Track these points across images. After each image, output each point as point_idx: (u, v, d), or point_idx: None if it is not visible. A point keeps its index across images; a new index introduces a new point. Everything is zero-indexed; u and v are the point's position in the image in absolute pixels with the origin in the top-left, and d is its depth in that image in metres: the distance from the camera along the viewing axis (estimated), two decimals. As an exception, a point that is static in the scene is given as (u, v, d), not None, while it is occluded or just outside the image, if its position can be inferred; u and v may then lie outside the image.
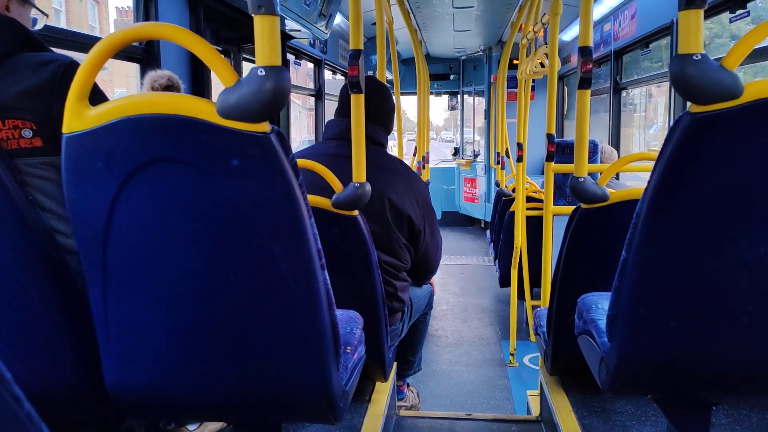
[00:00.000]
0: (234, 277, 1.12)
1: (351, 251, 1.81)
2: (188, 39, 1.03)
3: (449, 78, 9.63)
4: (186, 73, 2.86)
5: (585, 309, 1.62)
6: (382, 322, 1.92)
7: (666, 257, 1.21)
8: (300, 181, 1.07)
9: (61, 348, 1.29)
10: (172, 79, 2.21)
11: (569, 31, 6.44)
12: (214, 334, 1.17)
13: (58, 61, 1.26)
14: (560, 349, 2.08)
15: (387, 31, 3.66)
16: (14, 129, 1.22)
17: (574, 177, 1.84)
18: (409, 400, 3.02)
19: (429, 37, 7.31)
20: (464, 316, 5.26)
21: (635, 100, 6.28)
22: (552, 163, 2.79)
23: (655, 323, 1.26)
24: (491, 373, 4.03)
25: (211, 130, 1.01)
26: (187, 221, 1.09)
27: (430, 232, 2.33)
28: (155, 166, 1.05)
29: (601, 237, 1.84)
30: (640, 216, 1.20)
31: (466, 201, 9.50)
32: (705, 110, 1.06)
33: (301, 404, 1.29)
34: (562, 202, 4.79)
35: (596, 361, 1.46)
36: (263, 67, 0.98)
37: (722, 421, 1.97)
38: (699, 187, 1.13)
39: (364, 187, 1.75)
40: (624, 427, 1.96)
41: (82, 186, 1.09)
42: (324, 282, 1.16)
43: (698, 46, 1.06)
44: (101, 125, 1.04)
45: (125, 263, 1.12)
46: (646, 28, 4.09)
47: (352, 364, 1.45)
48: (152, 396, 1.26)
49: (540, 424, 2.39)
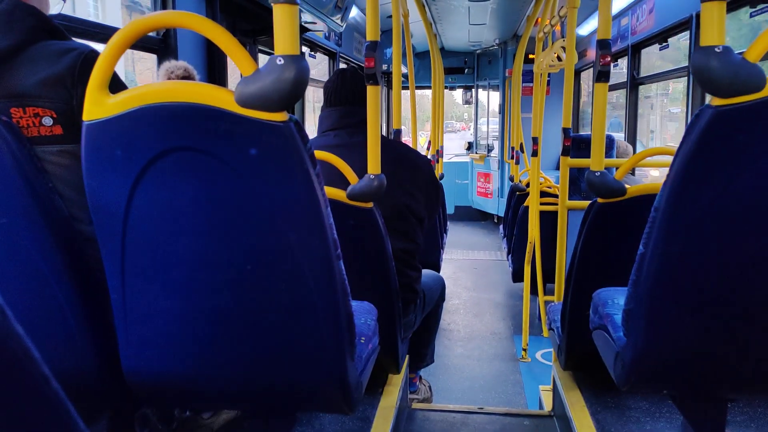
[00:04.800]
0: (250, 267, 1.12)
1: (366, 243, 1.81)
2: (207, 27, 1.03)
3: (464, 72, 9.58)
4: (202, 65, 2.87)
5: (600, 304, 1.61)
6: (396, 313, 1.92)
7: (684, 252, 1.20)
8: (317, 170, 1.07)
9: (78, 335, 1.30)
10: (188, 70, 2.21)
11: (585, 26, 6.38)
12: (231, 323, 1.18)
13: (78, 50, 1.27)
14: (574, 344, 2.07)
15: (402, 24, 3.65)
16: (35, 117, 1.23)
17: (590, 171, 1.83)
18: (421, 392, 3.02)
19: (444, 31, 7.28)
20: (477, 311, 5.25)
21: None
22: (568, 158, 2.77)
23: (672, 318, 1.25)
24: (503, 368, 4.02)
25: (230, 119, 1.01)
26: (204, 209, 1.09)
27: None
28: (174, 155, 1.05)
29: (617, 232, 1.83)
30: (658, 210, 1.19)
31: (480, 196, 9.47)
32: (727, 103, 1.05)
33: (315, 394, 1.29)
34: (577, 197, 4.75)
35: (611, 356, 1.45)
36: (282, 56, 0.98)
37: (737, 419, 1.95)
38: (719, 181, 1.12)
39: (379, 179, 1.74)
40: (638, 423, 1.95)
41: (101, 174, 1.10)
42: (339, 272, 1.16)
43: (721, 38, 1.04)
44: (121, 113, 1.05)
45: (143, 251, 1.13)
46: (664, 23, 4.05)
47: (366, 354, 1.45)
48: (169, 383, 1.27)
49: (553, 419, 2.38)
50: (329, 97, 2.19)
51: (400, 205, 2.12)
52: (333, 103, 2.16)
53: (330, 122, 2.14)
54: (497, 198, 8.94)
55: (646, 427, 1.93)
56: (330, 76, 2.33)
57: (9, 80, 1.23)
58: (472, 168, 9.68)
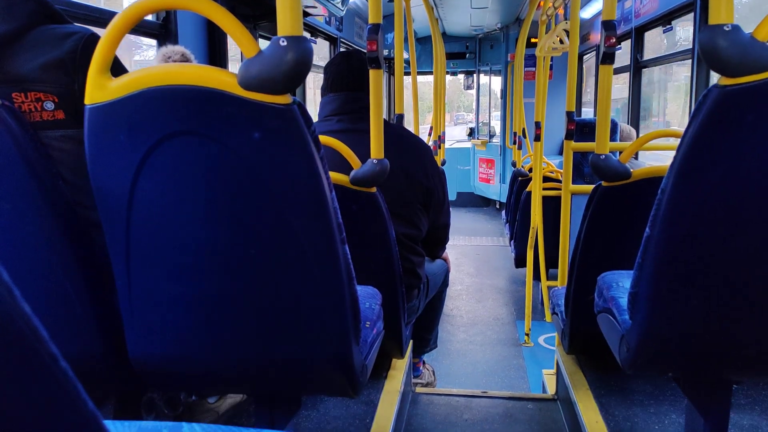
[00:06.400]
0: (255, 250, 1.12)
1: (369, 228, 1.80)
2: (208, 8, 1.02)
3: (465, 57, 9.53)
4: (203, 49, 2.85)
5: (605, 287, 1.60)
6: (400, 298, 1.92)
7: (691, 234, 1.19)
8: (321, 154, 1.06)
9: (84, 320, 1.30)
10: (185, 55, 2.19)
11: (588, 9, 6.33)
12: (237, 307, 1.18)
13: (78, 34, 1.26)
14: (578, 328, 2.07)
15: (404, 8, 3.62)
16: (36, 101, 1.22)
17: (595, 154, 1.82)
18: (424, 377, 3.03)
19: (446, 15, 7.23)
20: (479, 296, 5.26)
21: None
22: (572, 142, 2.76)
23: (678, 301, 1.25)
24: (506, 353, 4.04)
25: (233, 102, 1.00)
26: (208, 193, 1.09)
27: (443, 193, 2.31)
28: (177, 138, 1.04)
29: (621, 215, 1.82)
30: (665, 192, 1.18)
31: (482, 182, 9.46)
32: (735, 83, 1.04)
33: (321, 377, 1.30)
34: (580, 182, 4.74)
35: (616, 339, 1.45)
36: (285, 38, 0.97)
37: (741, 401, 1.95)
38: (727, 162, 1.11)
39: (382, 164, 1.73)
40: (642, 406, 1.95)
41: (104, 158, 1.09)
42: (344, 255, 1.15)
43: (729, 17, 1.03)
44: (123, 96, 1.04)
45: (148, 235, 1.13)
46: (669, 5, 4.01)
47: (371, 338, 1.45)
48: (174, 367, 1.27)
49: (556, 403, 2.39)
50: (332, 82, 2.16)
51: (403, 190, 2.12)
52: (337, 88, 2.14)
53: (333, 107, 2.12)
54: (499, 184, 8.93)
55: (650, 410, 1.93)
56: (332, 58, 2.30)
57: (10, 65, 1.22)
58: (474, 154, 9.66)
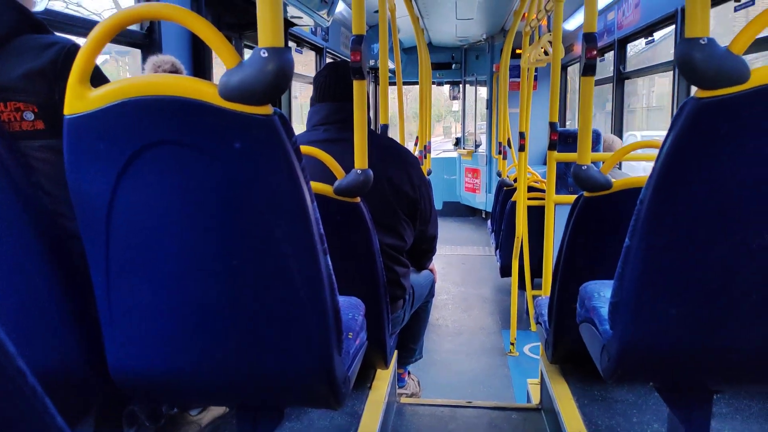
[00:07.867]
0: (236, 261, 1.12)
1: (353, 238, 1.80)
2: (189, 19, 1.02)
3: (451, 67, 9.59)
4: (187, 59, 2.85)
5: (587, 297, 1.61)
6: (384, 309, 1.92)
7: (670, 244, 1.20)
8: (302, 164, 1.07)
9: (64, 332, 1.29)
10: (175, 65, 2.19)
11: (571, 20, 6.41)
12: (217, 318, 1.17)
13: (60, 44, 1.26)
14: (561, 337, 2.08)
15: (389, 18, 3.64)
16: (16, 111, 1.21)
17: (577, 165, 1.83)
18: (409, 387, 3.02)
19: (431, 25, 7.27)
20: (465, 306, 5.26)
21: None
22: (555, 152, 2.78)
23: (657, 310, 1.26)
24: (491, 362, 4.03)
25: (213, 113, 1.00)
26: (189, 204, 1.08)
27: (429, 204, 2.31)
28: (157, 149, 1.04)
29: (603, 225, 1.84)
30: (644, 202, 1.20)
31: (468, 191, 9.49)
32: (711, 95, 1.05)
33: (303, 388, 1.29)
34: (564, 191, 4.77)
35: (598, 348, 1.46)
36: (266, 49, 0.97)
37: (723, 410, 1.97)
38: (704, 173, 1.12)
39: (366, 174, 1.74)
40: (624, 416, 1.96)
41: (84, 168, 1.08)
42: (326, 266, 1.15)
43: (705, 30, 1.05)
44: (103, 107, 1.03)
45: (128, 246, 1.12)
46: (651, 17, 4.07)
47: (354, 349, 1.45)
48: (155, 380, 1.26)
49: (540, 413, 2.39)
50: (320, 92, 2.17)
51: (388, 200, 2.12)
52: (324, 98, 2.15)
53: (320, 116, 2.13)
54: (485, 193, 8.96)
55: (632, 419, 1.94)
56: (320, 69, 2.31)
57: None
58: (459, 164, 9.69)
